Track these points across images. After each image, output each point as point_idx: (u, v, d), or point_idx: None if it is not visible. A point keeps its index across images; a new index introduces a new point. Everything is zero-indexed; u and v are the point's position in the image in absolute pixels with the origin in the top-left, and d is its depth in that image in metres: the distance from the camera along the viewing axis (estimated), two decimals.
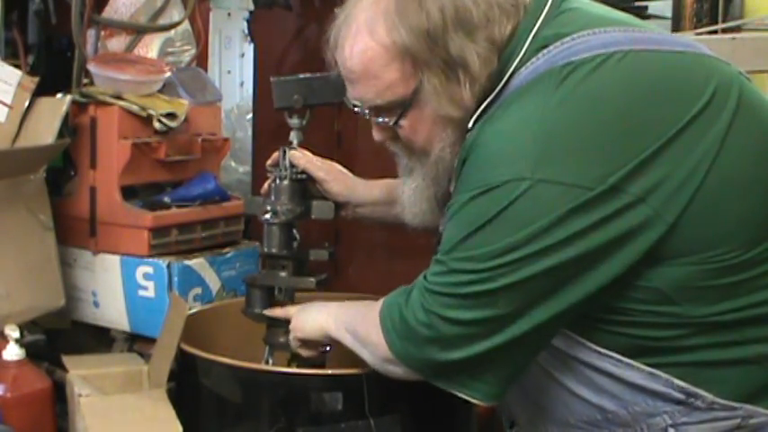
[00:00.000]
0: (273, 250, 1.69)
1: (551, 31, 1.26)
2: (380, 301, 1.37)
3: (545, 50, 1.24)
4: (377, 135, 1.43)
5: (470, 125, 1.28)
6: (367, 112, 1.38)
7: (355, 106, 1.40)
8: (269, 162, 1.73)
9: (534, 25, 1.27)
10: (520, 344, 1.21)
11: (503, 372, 1.24)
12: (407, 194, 1.44)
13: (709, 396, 1.19)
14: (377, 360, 1.37)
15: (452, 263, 1.22)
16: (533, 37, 1.26)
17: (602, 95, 1.18)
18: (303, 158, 1.70)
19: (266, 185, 1.73)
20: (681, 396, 1.20)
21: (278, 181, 1.70)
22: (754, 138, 1.21)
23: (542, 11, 1.28)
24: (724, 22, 2.42)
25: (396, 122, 1.36)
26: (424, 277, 1.28)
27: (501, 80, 1.27)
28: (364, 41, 1.31)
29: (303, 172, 1.70)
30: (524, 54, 1.26)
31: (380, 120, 1.38)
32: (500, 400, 1.28)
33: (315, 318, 1.56)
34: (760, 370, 1.21)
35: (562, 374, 1.26)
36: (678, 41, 1.30)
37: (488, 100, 1.28)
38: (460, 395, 1.26)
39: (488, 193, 1.18)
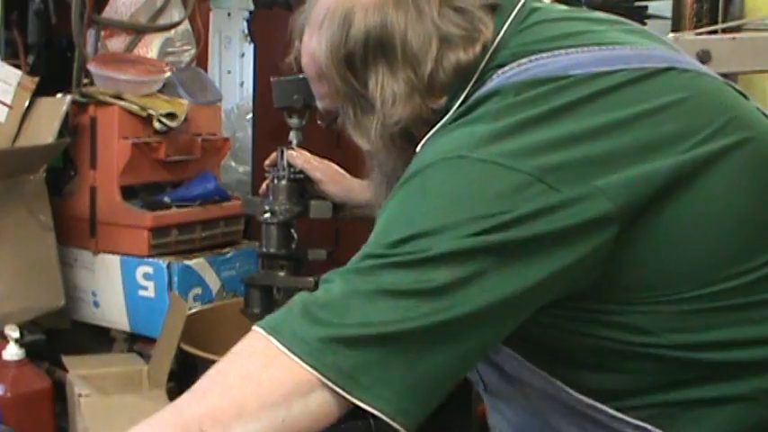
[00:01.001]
0: (272, 250, 1.69)
1: (510, 51, 1.14)
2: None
3: (500, 71, 1.13)
4: None
5: (419, 149, 1.15)
6: None
7: None
8: (267, 162, 1.73)
9: (494, 42, 1.15)
10: (436, 336, 0.98)
11: (411, 378, 0.98)
12: (370, 181, 1.39)
13: None
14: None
15: (368, 253, 1.01)
16: (490, 56, 1.15)
17: (553, 102, 1.05)
18: (301, 158, 1.70)
19: (264, 186, 1.73)
20: None
21: (276, 181, 1.70)
22: (739, 165, 1.09)
23: (504, 25, 1.16)
24: (724, 22, 2.42)
25: (326, 127, 1.32)
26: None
27: (458, 100, 1.15)
28: (308, 45, 1.23)
29: (301, 172, 1.70)
30: (479, 75, 1.15)
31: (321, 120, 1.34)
32: (411, 420, 0.99)
33: None
34: (747, 408, 1.09)
35: (540, 402, 1.16)
36: (651, 56, 1.16)
37: (443, 121, 1.15)
38: (362, 405, 1.01)
39: (415, 178, 1.04)
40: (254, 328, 1.00)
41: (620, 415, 1.11)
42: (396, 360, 0.97)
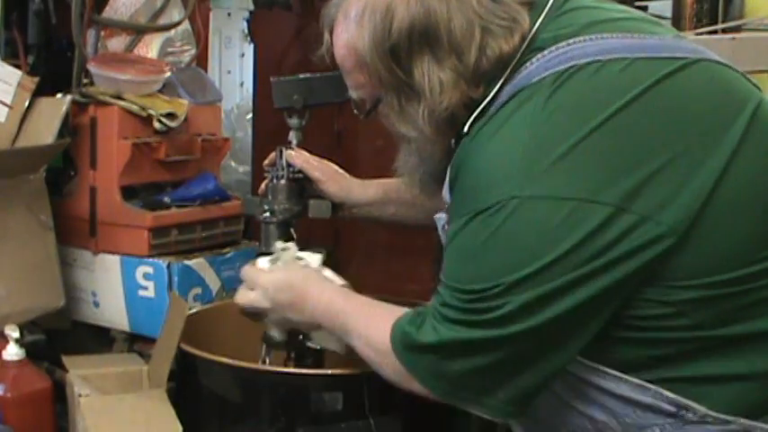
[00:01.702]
0: (271, 249, 1.69)
1: (549, 34, 1.20)
2: (385, 320, 1.30)
3: (539, 54, 1.19)
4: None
5: (466, 129, 1.23)
6: None
7: None
8: (266, 162, 1.73)
9: (533, 27, 1.21)
10: (530, 361, 1.16)
11: (512, 391, 1.18)
12: (400, 163, 1.41)
13: (702, 409, 1.15)
14: (387, 375, 1.33)
15: (455, 294, 1.17)
16: (530, 39, 1.20)
17: (595, 106, 1.12)
18: (300, 158, 1.70)
19: (263, 185, 1.73)
20: (671, 408, 1.16)
21: (275, 180, 1.70)
22: (764, 153, 1.16)
23: (542, 12, 1.22)
24: (724, 22, 2.42)
25: (366, 115, 1.35)
26: (435, 306, 1.22)
27: (495, 85, 1.21)
28: (342, 37, 1.28)
29: (300, 171, 1.70)
30: (519, 58, 1.20)
31: (358, 110, 1.37)
32: (515, 416, 1.23)
33: (310, 313, 1.45)
34: (755, 387, 1.16)
35: (552, 383, 1.22)
36: (681, 47, 1.22)
37: (482, 106, 1.22)
38: (474, 411, 1.22)
39: (478, 216, 1.14)
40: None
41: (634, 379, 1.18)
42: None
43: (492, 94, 1.21)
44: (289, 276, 1.50)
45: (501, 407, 1.19)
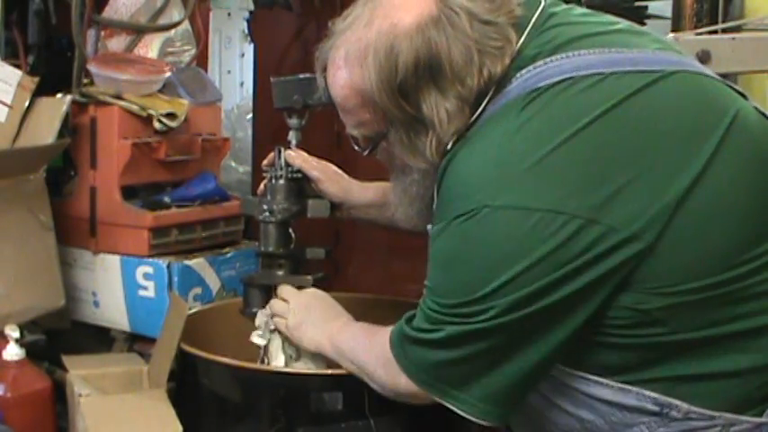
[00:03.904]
0: (270, 249, 1.70)
1: (531, 52, 1.23)
2: (383, 332, 1.38)
3: (518, 74, 1.21)
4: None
5: (450, 146, 1.25)
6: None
7: None
8: (265, 162, 1.73)
9: (516, 45, 1.23)
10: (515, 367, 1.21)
11: (486, 389, 1.22)
12: (395, 198, 1.43)
13: (685, 406, 1.17)
14: (388, 392, 1.39)
15: (435, 301, 1.23)
16: (512, 60, 1.22)
17: (565, 119, 1.15)
18: (299, 158, 1.71)
19: (262, 185, 1.74)
20: (655, 408, 1.18)
21: (274, 180, 1.71)
22: (741, 164, 1.17)
23: (525, 29, 1.24)
24: (724, 22, 2.42)
25: (369, 152, 1.36)
26: (422, 304, 1.28)
27: (480, 105, 1.23)
28: (342, 77, 1.29)
29: (299, 171, 1.70)
30: (503, 77, 1.22)
31: (358, 146, 1.39)
32: (497, 420, 1.25)
33: (312, 336, 1.57)
34: (739, 383, 1.18)
35: (541, 385, 1.25)
36: (660, 60, 1.23)
37: (468, 125, 1.24)
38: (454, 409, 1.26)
39: (455, 221, 1.18)
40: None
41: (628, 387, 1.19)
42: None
43: (478, 113, 1.23)
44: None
45: (475, 404, 1.22)
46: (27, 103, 1.93)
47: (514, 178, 1.14)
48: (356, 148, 1.40)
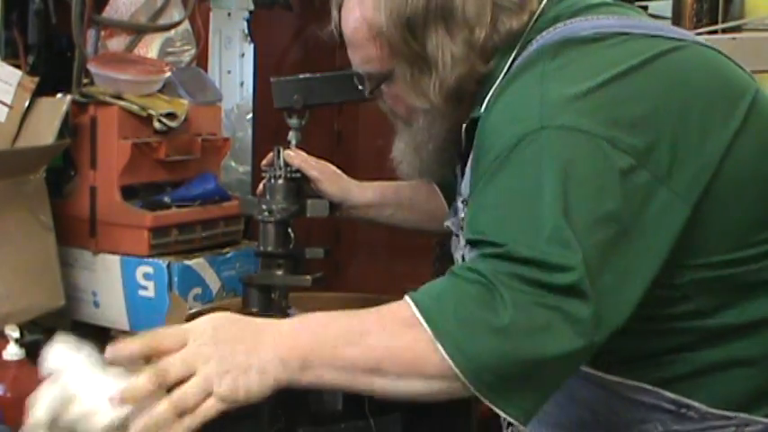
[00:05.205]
0: (269, 249, 1.70)
1: (551, 14, 1.24)
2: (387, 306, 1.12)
3: (539, 36, 1.22)
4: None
5: (482, 110, 1.23)
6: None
7: None
8: (264, 162, 1.73)
9: (539, 7, 1.25)
10: None
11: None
12: (398, 152, 1.42)
13: (703, 407, 1.16)
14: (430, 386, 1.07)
15: (506, 264, 1.03)
16: (533, 24, 1.24)
17: (602, 66, 1.12)
18: (298, 158, 1.70)
19: (261, 185, 1.74)
20: (672, 407, 1.18)
21: (273, 180, 1.70)
22: (764, 138, 1.17)
23: None
24: (724, 22, 2.42)
25: (370, 93, 1.36)
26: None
27: (507, 61, 1.23)
28: (355, 10, 1.29)
29: (298, 171, 1.70)
30: (525, 36, 1.23)
31: (362, 86, 1.38)
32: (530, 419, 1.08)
33: (259, 367, 1.10)
34: (754, 373, 1.18)
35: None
36: (682, 33, 1.26)
37: (498, 81, 1.23)
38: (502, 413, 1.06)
39: (509, 157, 1.09)
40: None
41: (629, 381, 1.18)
42: None
43: (505, 68, 1.24)
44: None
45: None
46: (27, 104, 1.93)
47: (565, 101, 1.09)
48: (360, 87, 1.40)
